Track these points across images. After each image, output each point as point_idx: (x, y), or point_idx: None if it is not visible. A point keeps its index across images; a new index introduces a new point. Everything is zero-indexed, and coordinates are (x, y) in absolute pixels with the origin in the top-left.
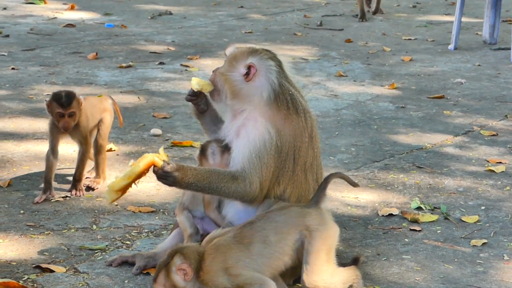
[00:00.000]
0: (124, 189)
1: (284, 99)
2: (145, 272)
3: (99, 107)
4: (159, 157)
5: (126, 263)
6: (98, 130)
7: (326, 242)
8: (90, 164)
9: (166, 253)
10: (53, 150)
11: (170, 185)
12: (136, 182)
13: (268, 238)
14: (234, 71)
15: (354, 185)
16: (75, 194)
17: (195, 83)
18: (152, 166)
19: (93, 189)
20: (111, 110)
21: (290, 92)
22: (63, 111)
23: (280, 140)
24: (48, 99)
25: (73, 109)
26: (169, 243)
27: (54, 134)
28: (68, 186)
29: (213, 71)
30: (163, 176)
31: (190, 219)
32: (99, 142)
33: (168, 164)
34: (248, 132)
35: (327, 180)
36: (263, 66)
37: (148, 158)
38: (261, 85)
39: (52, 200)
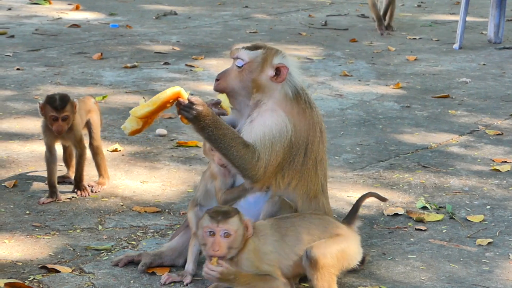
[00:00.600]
0: (146, 118)
1: (301, 95)
2: (150, 271)
3: (84, 109)
4: None
5: (132, 262)
6: (89, 132)
7: (346, 260)
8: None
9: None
10: (50, 153)
11: (190, 119)
12: (159, 114)
13: (301, 236)
14: (262, 73)
15: (384, 200)
16: (80, 194)
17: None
18: (177, 99)
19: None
20: (96, 110)
21: (304, 87)
22: (56, 114)
23: (295, 136)
24: (41, 101)
25: (67, 112)
26: (175, 243)
27: (48, 136)
28: (72, 186)
29: (219, 79)
30: (188, 107)
31: (198, 218)
32: (94, 144)
33: (194, 96)
34: (265, 119)
35: (359, 201)
36: (289, 66)
37: (175, 88)
38: (285, 82)
39: (61, 201)
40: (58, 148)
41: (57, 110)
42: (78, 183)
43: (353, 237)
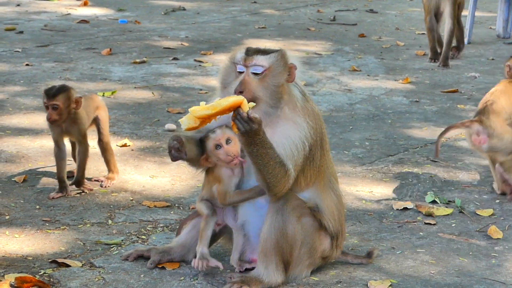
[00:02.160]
0: (203, 119)
1: (304, 90)
2: (160, 266)
3: (92, 106)
4: None
5: (142, 257)
6: (98, 128)
7: None
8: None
9: None
10: (58, 148)
11: (244, 132)
12: (216, 117)
13: None
14: (282, 77)
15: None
16: (82, 191)
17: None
18: (237, 108)
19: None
20: (104, 106)
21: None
22: (47, 101)
23: (312, 137)
24: None
25: (58, 102)
26: (184, 237)
27: (54, 131)
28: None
29: (243, 91)
30: (245, 121)
31: (207, 203)
32: (103, 140)
33: (254, 113)
34: (289, 131)
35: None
36: (296, 65)
37: (239, 97)
38: (294, 82)
39: (70, 195)
40: (68, 144)
41: (48, 97)
42: (78, 183)
43: None
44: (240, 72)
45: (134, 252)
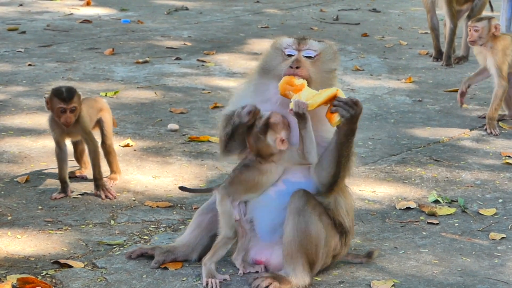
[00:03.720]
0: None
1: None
2: (163, 266)
3: (95, 107)
4: None
5: (145, 255)
6: (102, 130)
7: None
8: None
9: None
10: (60, 148)
11: (346, 117)
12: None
13: None
14: (332, 65)
15: None
16: (105, 196)
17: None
18: (336, 97)
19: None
20: (108, 109)
21: None
22: (65, 106)
23: None
24: (47, 95)
25: (75, 103)
26: (188, 237)
27: (56, 132)
28: (84, 183)
29: (300, 67)
30: (349, 105)
31: (232, 219)
32: (106, 142)
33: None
34: None
35: None
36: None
37: (333, 89)
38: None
39: (71, 196)
40: (69, 144)
41: (65, 101)
42: (97, 182)
43: None
44: (290, 55)
45: (138, 250)
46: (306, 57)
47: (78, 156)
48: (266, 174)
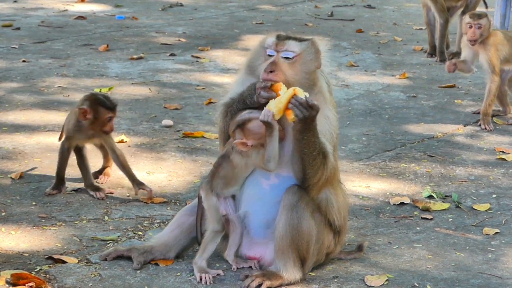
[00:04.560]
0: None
1: (330, 82)
2: (153, 262)
3: None
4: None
5: (122, 257)
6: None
7: None
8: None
9: None
10: (69, 150)
11: (300, 118)
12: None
13: None
14: (313, 65)
15: None
16: (150, 199)
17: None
18: (294, 96)
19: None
20: None
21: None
22: (112, 114)
23: (336, 128)
24: (83, 106)
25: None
26: (167, 236)
27: (80, 138)
28: (77, 179)
29: (274, 70)
30: (304, 107)
31: (218, 213)
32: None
33: (312, 101)
34: (325, 124)
35: None
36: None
37: (291, 89)
38: (321, 71)
39: (66, 193)
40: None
41: (112, 110)
42: (139, 186)
43: None
44: (270, 56)
45: (114, 252)
46: (285, 58)
47: (106, 164)
48: (238, 167)
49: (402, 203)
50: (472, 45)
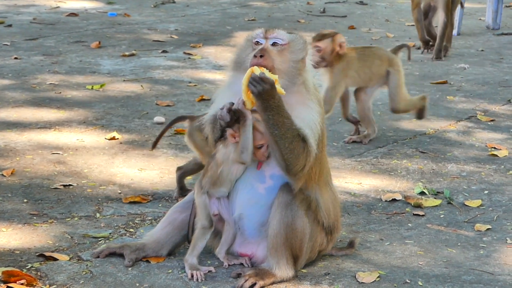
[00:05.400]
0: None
1: (315, 83)
2: (145, 260)
3: None
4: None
5: (114, 255)
6: None
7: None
8: None
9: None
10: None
11: (255, 94)
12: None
13: None
14: (300, 56)
15: None
16: None
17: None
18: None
19: None
20: None
21: None
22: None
23: (321, 125)
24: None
25: None
26: (158, 233)
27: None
28: (69, 175)
29: (264, 55)
30: (257, 81)
31: (207, 210)
32: None
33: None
34: (310, 110)
35: None
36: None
37: (248, 71)
38: (308, 71)
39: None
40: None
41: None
42: None
43: None
44: (259, 43)
45: (106, 249)
46: (273, 44)
47: None
48: (222, 165)
49: (394, 200)
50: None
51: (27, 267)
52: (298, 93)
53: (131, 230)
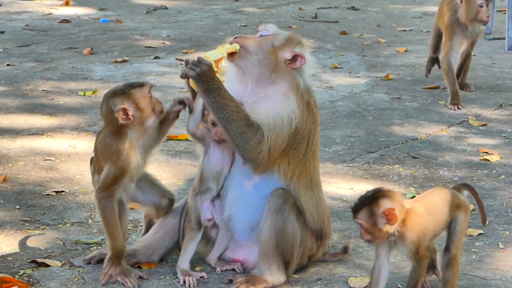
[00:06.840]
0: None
1: (310, 91)
2: (137, 266)
3: None
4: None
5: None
6: None
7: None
8: None
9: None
10: None
11: (193, 77)
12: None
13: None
14: (280, 51)
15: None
16: None
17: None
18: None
19: None
20: None
21: (311, 88)
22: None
23: (301, 124)
24: None
25: None
26: (150, 239)
27: None
28: (61, 182)
29: (238, 37)
30: (194, 64)
31: (197, 212)
32: None
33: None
34: (275, 102)
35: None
36: (307, 59)
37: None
38: (299, 72)
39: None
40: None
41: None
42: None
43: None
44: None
45: (97, 255)
46: (261, 35)
47: None
48: (200, 158)
49: None
50: (484, 25)
51: (19, 274)
52: (278, 90)
53: None
